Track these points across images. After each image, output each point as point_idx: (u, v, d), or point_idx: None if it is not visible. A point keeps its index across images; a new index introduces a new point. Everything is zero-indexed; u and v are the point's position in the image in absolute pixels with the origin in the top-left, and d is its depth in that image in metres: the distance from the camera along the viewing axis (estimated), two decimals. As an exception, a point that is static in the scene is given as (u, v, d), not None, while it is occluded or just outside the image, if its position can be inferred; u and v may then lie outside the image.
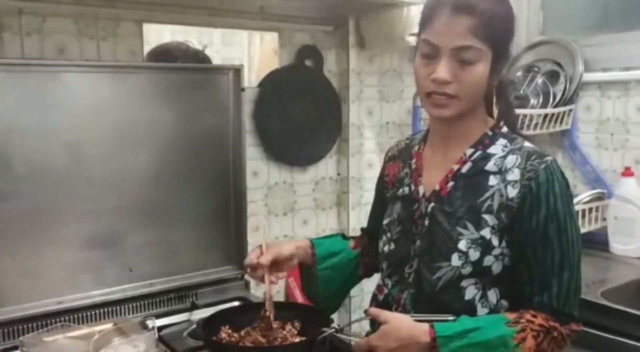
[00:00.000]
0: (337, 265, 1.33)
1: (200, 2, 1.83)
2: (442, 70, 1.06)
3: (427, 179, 1.20)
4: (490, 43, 1.06)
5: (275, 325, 1.27)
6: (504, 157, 1.12)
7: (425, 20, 1.10)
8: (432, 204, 1.16)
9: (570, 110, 2.14)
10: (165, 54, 1.82)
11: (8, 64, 1.51)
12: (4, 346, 1.49)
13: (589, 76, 2.12)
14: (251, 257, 1.25)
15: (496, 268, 1.10)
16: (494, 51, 1.07)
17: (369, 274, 1.40)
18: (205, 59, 1.90)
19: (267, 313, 1.25)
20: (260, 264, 1.23)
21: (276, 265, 1.26)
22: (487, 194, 1.11)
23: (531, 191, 1.07)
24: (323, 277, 1.32)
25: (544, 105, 2.13)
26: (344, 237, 1.41)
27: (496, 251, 1.10)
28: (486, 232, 1.09)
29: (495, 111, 1.17)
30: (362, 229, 1.45)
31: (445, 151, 1.18)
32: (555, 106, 2.12)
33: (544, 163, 1.08)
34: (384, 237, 1.25)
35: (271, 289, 1.25)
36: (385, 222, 1.26)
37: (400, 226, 1.21)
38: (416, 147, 1.26)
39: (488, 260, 1.09)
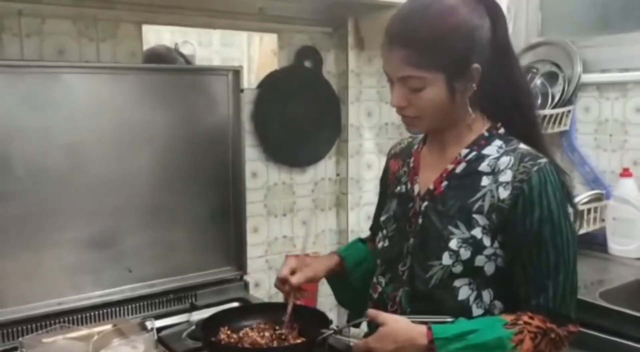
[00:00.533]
0: (367, 271, 1.34)
1: (199, 3, 1.83)
2: (394, 97, 1.11)
3: (422, 178, 1.20)
4: (435, 68, 1.05)
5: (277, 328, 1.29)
6: (498, 158, 1.12)
7: (380, 48, 1.12)
8: (425, 203, 1.16)
9: (569, 111, 2.14)
10: (154, 58, 1.81)
11: (8, 65, 1.51)
12: (3, 347, 1.49)
13: (587, 77, 2.13)
14: (284, 273, 1.26)
15: (489, 268, 1.11)
16: (444, 72, 1.05)
17: None
18: (186, 58, 1.90)
19: (283, 333, 1.26)
20: (290, 283, 1.25)
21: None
22: (479, 195, 1.11)
23: (523, 193, 1.07)
24: (357, 286, 1.34)
25: (543, 106, 2.13)
26: (362, 241, 1.43)
27: (488, 251, 1.10)
28: (477, 232, 1.10)
29: (469, 120, 1.13)
30: (371, 229, 1.45)
31: (442, 151, 1.19)
32: (554, 107, 2.13)
33: (537, 165, 1.08)
34: (380, 234, 1.26)
35: (291, 308, 1.27)
36: (382, 219, 1.27)
37: (395, 223, 1.22)
38: (416, 146, 1.27)
39: (479, 260, 1.10)
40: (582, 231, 1.99)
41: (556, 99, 2.14)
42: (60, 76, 1.56)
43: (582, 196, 2.03)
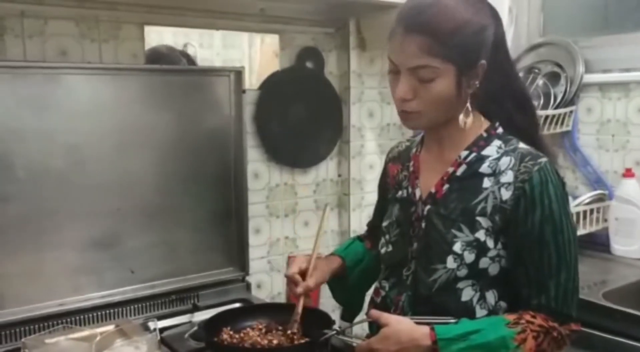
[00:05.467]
0: (364, 270, 1.36)
1: (201, 4, 1.84)
2: (401, 88, 1.08)
3: (423, 182, 1.20)
4: (449, 59, 1.05)
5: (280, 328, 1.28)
6: (498, 159, 1.12)
7: (389, 37, 1.10)
8: (428, 207, 1.16)
9: (571, 111, 2.14)
10: (156, 58, 1.81)
11: (10, 66, 1.51)
12: (6, 347, 1.49)
13: (589, 77, 2.12)
14: (294, 271, 1.26)
15: (493, 270, 1.10)
16: (455, 65, 1.05)
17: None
18: (191, 60, 1.90)
19: (295, 332, 1.25)
20: (307, 286, 1.24)
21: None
22: (481, 197, 1.11)
23: (525, 193, 1.07)
24: (353, 285, 1.36)
25: (545, 106, 2.13)
26: (359, 239, 1.43)
27: (492, 253, 1.10)
28: (481, 235, 1.09)
29: (467, 119, 1.11)
30: (368, 225, 1.46)
31: (441, 153, 1.18)
32: (556, 108, 2.12)
33: (537, 165, 1.08)
34: (383, 240, 1.26)
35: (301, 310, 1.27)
36: (384, 224, 1.26)
37: (398, 228, 1.22)
38: (414, 150, 1.26)
39: (484, 262, 1.10)
40: (584, 231, 1.99)
41: (558, 100, 2.13)
42: (63, 77, 1.57)
43: (584, 196, 2.03)
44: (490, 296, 1.12)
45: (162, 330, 1.49)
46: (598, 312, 1.52)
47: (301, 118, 2.11)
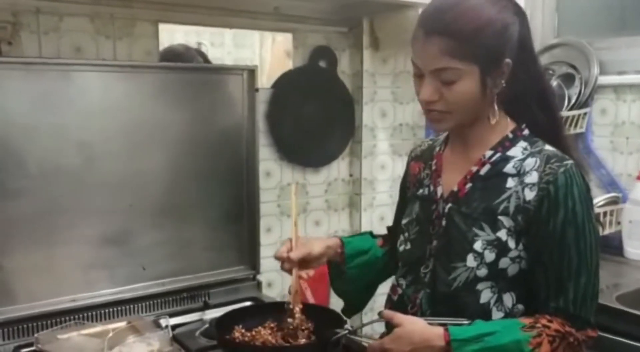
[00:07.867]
0: (366, 263, 1.35)
1: (215, 2, 1.84)
2: (425, 91, 1.08)
3: (445, 180, 1.19)
4: (471, 59, 1.04)
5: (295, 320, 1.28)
6: (523, 159, 1.11)
7: (411, 40, 1.10)
8: (449, 205, 1.15)
9: (585, 113, 2.13)
10: (172, 57, 1.81)
11: (25, 62, 1.52)
12: (19, 342, 1.50)
13: (604, 79, 2.11)
14: (282, 250, 1.27)
15: (512, 270, 1.10)
16: (479, 65, 1.05)
17: (395, 271, 1.41)
18: (206, 59, 1.90)
19: (292, 307, 1.26)
20: (289, 259, 1.24)
21: (305, 262, 1.28)
22: (504, 196, 1.10)
23: (549, 194, 1.06)
24: (351, 276, 1.34)
25: (559, 108, 2.11)
26: (372, 235, 1.43)
27: (512, 254, 1.09)
28: (502, 234, 1.09)
29: (495, 118, 1.12)
30: (388, 228, 1.45)
31: (465, 153, 1.18)
32: (570, 109, 2.11)
33: (563, 166, 1.07)
34: (402, 237, 1.25)
35: (297, 284, 1.27)
36: (404, 222, 1.26)
37: (418, 226, 1.21)
38: (437, 149, 1.26)
39: (504, 262, 1.09)
40: (597, 234, 1.98)
41: (572, 101, 2.12)
42: (77, 74, 1.57)
43: (598, 198, 2.02)
44: (508, 299, 1.11)
45: (173, 327, 1.50)
46: (611, 315, 1.51)
47: (313, 117, 2.11)
